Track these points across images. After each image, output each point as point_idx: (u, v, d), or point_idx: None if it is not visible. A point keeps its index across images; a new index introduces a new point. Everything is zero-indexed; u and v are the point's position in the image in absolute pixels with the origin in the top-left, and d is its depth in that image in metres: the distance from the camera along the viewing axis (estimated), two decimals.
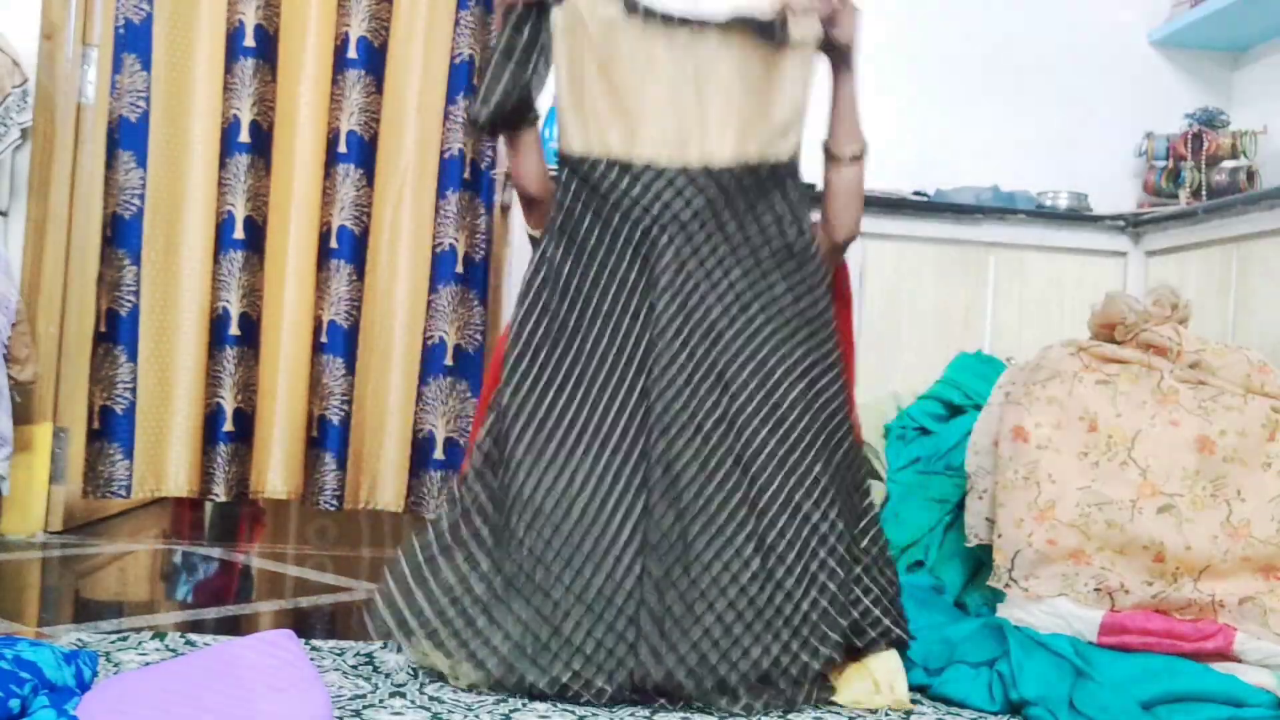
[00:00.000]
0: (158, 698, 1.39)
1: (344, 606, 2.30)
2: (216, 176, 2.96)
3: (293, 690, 1.45)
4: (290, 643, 1.58)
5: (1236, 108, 3.37)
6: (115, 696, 1.40)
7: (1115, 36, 3.39)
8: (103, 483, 2.88)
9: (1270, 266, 2.57)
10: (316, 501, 2.99)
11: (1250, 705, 1.69)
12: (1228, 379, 2.07)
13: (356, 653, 1.84)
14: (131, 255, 2.89)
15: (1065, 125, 3.35)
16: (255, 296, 3.00)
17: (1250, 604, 1.85)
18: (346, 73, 2.99)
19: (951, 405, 2.69)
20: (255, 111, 2.96)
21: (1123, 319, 2.16)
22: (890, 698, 1.70)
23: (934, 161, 3.27)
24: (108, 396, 2.89)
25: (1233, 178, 2.99)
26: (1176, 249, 2.90)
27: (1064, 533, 1.94)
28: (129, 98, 2.88)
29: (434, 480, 2.98)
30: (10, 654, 1.43)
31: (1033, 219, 3.00)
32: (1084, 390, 2.07)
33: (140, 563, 2.71)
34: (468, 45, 2.99)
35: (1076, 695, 1.66)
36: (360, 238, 3.01)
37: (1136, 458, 1.98)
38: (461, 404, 2.99)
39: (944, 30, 3.32)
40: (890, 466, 2.64)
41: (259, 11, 2.95)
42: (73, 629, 1.92)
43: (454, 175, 2.99)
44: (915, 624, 1.97)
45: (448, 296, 2.98)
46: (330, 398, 2.99)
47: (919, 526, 2.39)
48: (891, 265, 2.95)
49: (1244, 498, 1.93)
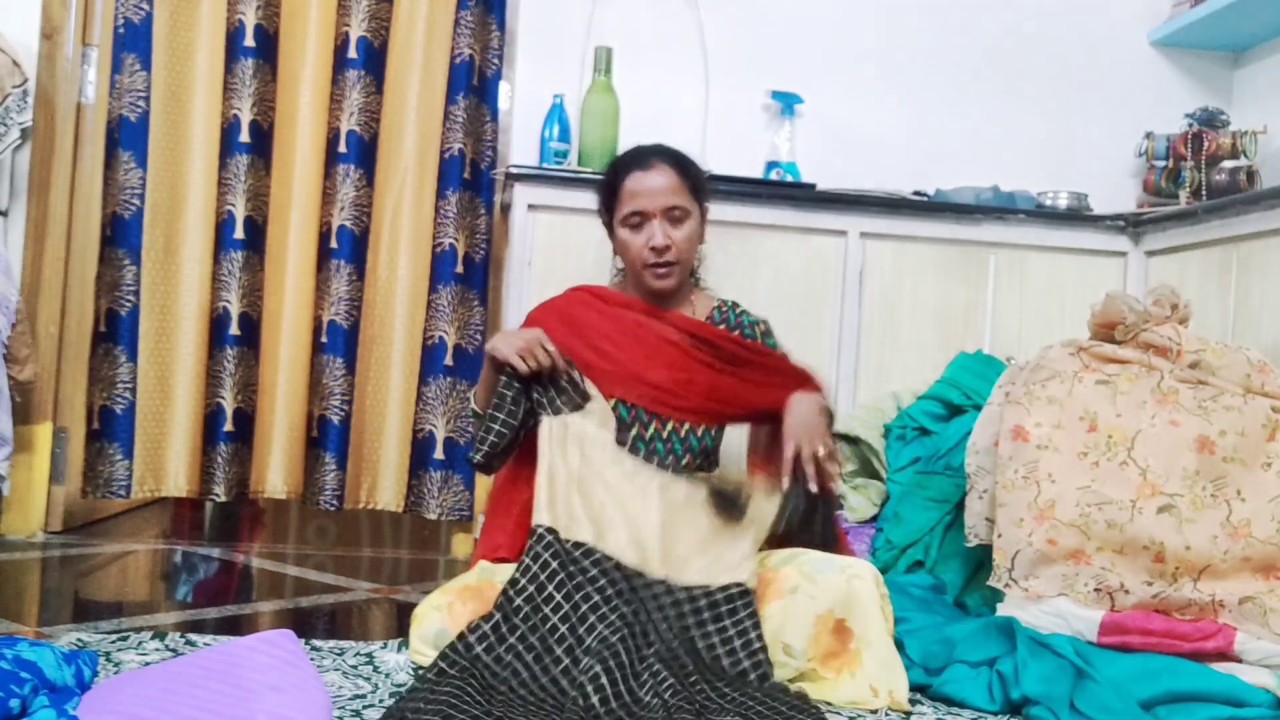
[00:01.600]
0: (158, 698, 1.39)
1: (344, 606, 2.30)
2: (216, 176, 2.96)
3: (293, 690, 1.45)
4: (290, 643, 1.58)
5: (1236, 108, 3.37)
6: (115, 696, 1.40)
7: (1115, 36, 3.39)
8: (102, 483, 2.88)
9: (1270, 266, 2.57)
10: (316, 501, 2.99)
11: (1250, 705, 1.69)
12: (1228, 379, 2.07)
13: (356, 653, 1.84)
14: (131, 255, 2.89)
15: (1065, 125, 3.36)
16: (255, 296, 3.00)
17: (1250, 604, 1.85)
18: (346, 73, 2.99)
19: (951, 405, 2.69)
20: (255, 111, 2.96)
21: (1123, 319, 2.16)
22: (888, 699, 1.70)
23: (934, 161, 3.27)
24: (107, 396, 2.89)
25: (1233, 178, 2.99)
26: (1176, 249, 2.90)
27: (1064, 532, 1.95)
28: (129, 98, 2.88)
29: (434, 480, 2.98)
30: (10, 654, 1.43)
31: (1033, 219, 3.00)
32: (1084, 390, 2.08)
33: (140, 563, 2.71)
34: (468, 45, 2.99)
35: (1077, 695, 1.66)
36: (360, 238, 3.01)
37: (1136, 458, 1.98)
38: (461, 404, 2.99)
39: (944, 30, 3.32)
40: (890, 466, 2.64)
41: (259, 11, 2.95)
42: (73, 629, 1.92)
43: (454, 175, 2.99)
44: (915, 624, 1.97)
45: (448, 296, 2.98)
46: (330, 398, 2.99)
47: (919, 526, 2.39)
48: (891, 265, 2.95)
49: (1244, 498, 1.93)
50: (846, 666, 1.73)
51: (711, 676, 1.66)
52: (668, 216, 2.04)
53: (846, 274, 2.93)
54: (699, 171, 2.11)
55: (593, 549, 1.75)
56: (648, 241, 2.03)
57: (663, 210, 2.03)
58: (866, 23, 3.30)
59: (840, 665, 1.74)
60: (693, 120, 3.19)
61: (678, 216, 2.04)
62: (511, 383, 1.92)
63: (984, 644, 1.84)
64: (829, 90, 3.25)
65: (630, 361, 2.02)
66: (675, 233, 2.04)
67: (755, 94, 3.22)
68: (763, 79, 3.22)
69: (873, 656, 1.73)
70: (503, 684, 1.61)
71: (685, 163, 2.09)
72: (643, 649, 1.64)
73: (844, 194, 2.94)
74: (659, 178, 2.04)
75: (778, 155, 3.16)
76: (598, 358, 2.02)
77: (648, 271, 2.05)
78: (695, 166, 2.11)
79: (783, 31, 3.26)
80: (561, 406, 1.91)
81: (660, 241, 2.02)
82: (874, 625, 1.74)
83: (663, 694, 1.56)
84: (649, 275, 2.05)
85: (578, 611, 1.68)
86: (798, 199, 2.91)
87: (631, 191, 2.05)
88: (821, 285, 2.93)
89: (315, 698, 1.44)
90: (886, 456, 2.68)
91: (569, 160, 2.98)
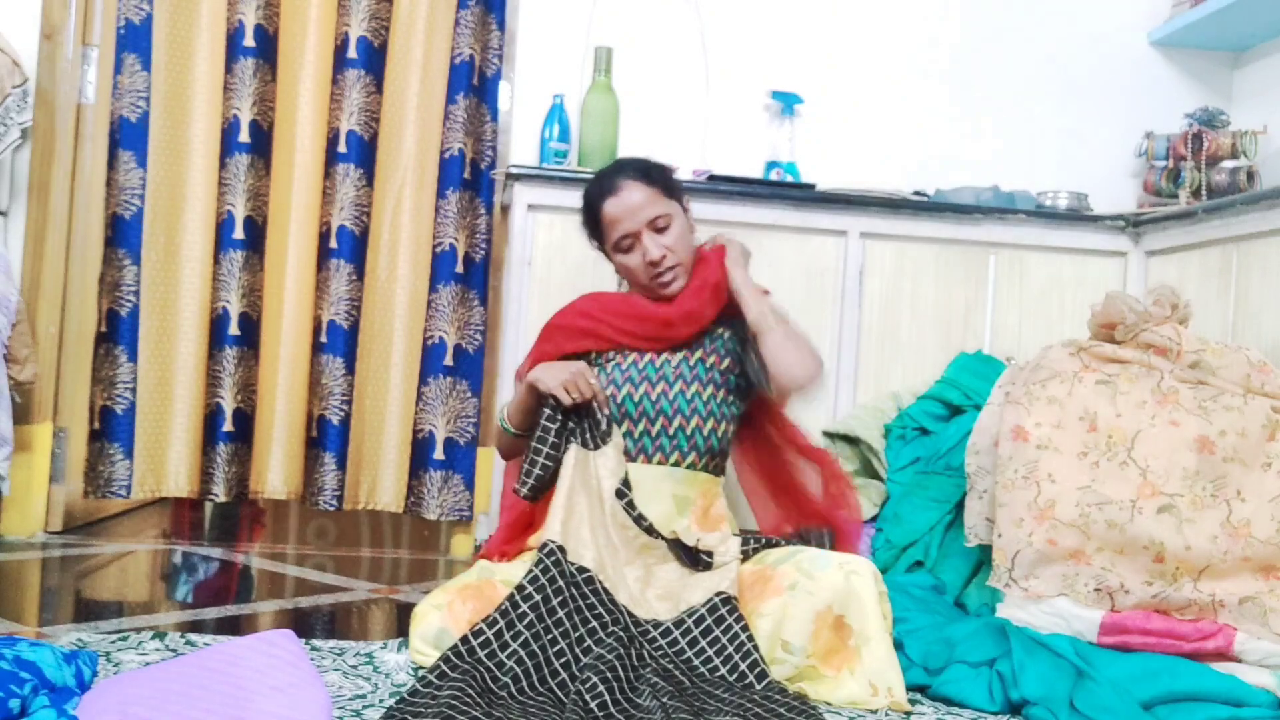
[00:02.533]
0: (157, 698, 1.39)
1: (344, 606, 2.30)
2: (216, 176, 2.96)
3: (293, 690, 1.45)
4: (290, 643, 1.58)
5: (1236, 108, 3.37)
6: (115, 696, 1.40)
7: (1115, 36, 3.39)
8: (103, 483, 2.88)
9: (1270, 266, 2.57)
10: (316, 501, 2.99)
11: (1250, 705, 1.69)
12: (1228, 379, 2.07)
13: (356, 653, 1.84)
14: (132, 255, 2.89)
15: (1065, 125, 3.35)
16: (255, 296, 3.00)
17: (1250, 604, 1.85)
18: (346, 72, 2.99)
19: (951, 405, 2.69)
20: (255, 111, 2.96)
21: (1123, 319, 2.16)
22: (888, 699, 1.70)
23: (934, 161, 3.27)
24: (108, 396, 2.89)
25: (1233, 178, 2.99)
26: (1176, 249, 2.90)
27: (1064, 532, 1.95)
28: (129, 98, 2.88)
29: (434, 480, 2.98)
30: (10, 654, 1.43)
31: (1033, 219, 3.00)
32: (1084, 390, 2.08)
33: (140, 563, 2.71)
34: (468, 45, 2.99)
35: (1077, 695, 1.66)
36: (360, 237, 3.01)
37: (1136, 458, 1.98)
38: (461, 404, 2.99)
39: (944, 30, 3.32)
40: (890, 466, 2.64)
41: (259, 11, 2.95)
42: (73, 629, 1.92)
43: (454, 175, 2.99)
44: (915, 624, 1.97)
45: (448, 296, 2.98)
46: (330, 398, 2.99)
47: (919, 526, 2.40)
48: (891, 265, 2.95)
49: (1244, 498, 1.93)
50: (846, 664, 1.73)
51: (709, 685, 1.67)
52: (652, 228, 2.11)
53: (846, 274, 2.93)
54: (665, 172, 2.19)
55: (594, 576, 1.82)
56: (644, 258, 2.11)
57: (647, 224, 2.10)
58: (866, 23, 3.30)
59: (840, 662, 1.74)
60: (693, 120, 3.19)
61: (661, 225, 2.11)
62: (555, 415, 2.02)
63: (984, 644, 1.84)
64: (829, 90, 3.25)
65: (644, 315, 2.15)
66: (665, 239, 2.12)
67: (755, 94, 3.22)
68: (763, 79, 3.22)
69: (871, 653, 1.73)
70: (502, 689, 1.61)
71: (649, 170, 2.16)
72: (640, 669, 1.67)
73: (844, 194, 2.94)
74: (631, 195, 2.11)
75: (778, 155, 3.16)
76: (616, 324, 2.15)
77: (655, 284, 2.14)
78: (659, 169, 2.18)
79: (783, 31, 3.26)
80: (588, 441, 2.01)
81: (655, 255, 2.10)
82: (872, 622, 1.74)
83: (660, 697, 1.57)
84: (657, 287, 2.14)
85: (576, 631, 1.73)
86: (798, 199, 2.91)
87: (612, 218, 2.12)
88: (821, 285, 2.93)
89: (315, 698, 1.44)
90: (886, 456, 2.68)
91: (569, 160, 2.98)
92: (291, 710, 1.39)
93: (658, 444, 2.06)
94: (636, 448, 2.06)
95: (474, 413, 2.99)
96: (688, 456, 2.07)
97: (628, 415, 2.07)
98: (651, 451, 2.06)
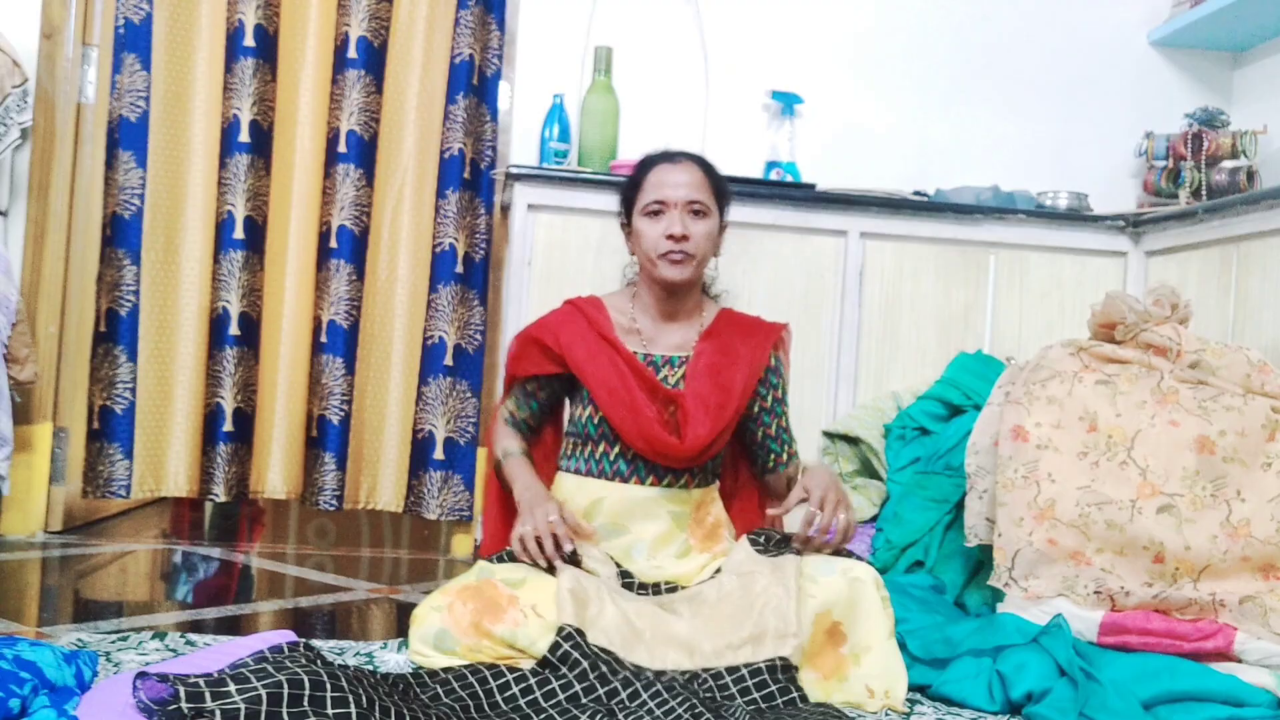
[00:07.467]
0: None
1: (344, 606, 2.30)
2: (216, 176, 2.96)
3: None
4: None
5: (1236, 108, 3.37)
6: (115, 696, 1.40)
7: (1115, 36, 3.39)
8: (102, 483, 2.88)
9: (1270, 266, 2.57)
10: (316, 501, 2.99)
11: (1250, 705, 1.69)
12: (1228, 379, 2.07)
13: (356, 653, 1.84)
14: (131, 255, 2.89)
15: (1065, 125, 3.35)
16: (255, 296, 3.00)
17: (1250, 604, 1.85)
18: (346, 72, 2.99)
19: (951, 405, 2.69)
20: (255, 111, 2.96)
21: (1123, 319, 2.16)
22: (886, 701, 1.70)
23: (934, 161, 3.27)
24: (107, 396, 2.89)
25: (1233, 178, 2.99)
26: (1176, 249, 2.90)
27: (1064, 532, 1.95)
28: (129, 98, 2.88)
29: (434, 480, 2.98)
30: (10, 654, 1.43)
31: (1033, 219, 3.00)
32: (1084, 390, 2.08)
33: (140, 563, 2.71)
34: (468, 45, 2.99)
35: (1077, 695, 1.66)
36: (360, 237, 3.01)
37: (1136, 458, 1.98)
38: (461, 404, 2.99)
39: (944, 30, 3.32)
40: (890, 466, 2.64)
41: (259, 11, 2.95)
42: (73, 629, 1.92)
43: (454, 175, 2.99)
44: (915, 624, 1.97)
45: (448, 296, 2.98)
46: (330, 398, 2.99)
47: (919, 526, 2.40)
48: (891, 265, 2.95)
49: (1244, 498, 1.93)
50: (836, 672, 1.73)
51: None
52: (689, 210, 2.03)
53: (846, 274, 2.93)
54: (724, 181, 2.14)
55: (620, 657, 1.70)
56: (666, 229, 2.02)
57: (684, 203, 2.03)
58: (866, 23, 3.30)
59: (828, 669, 1.73)
60: (693, 120, 3.19)
61: (698, 211, 2.04)
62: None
63: (986, 640, 1.84)
64: (829, 90, 3.25)
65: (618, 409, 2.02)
66: (694, 226, 2.03)
67: (755, 94, 3.22)
68: (763, 79, 3.22)
69: (872, 660, 1.73)
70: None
71: (712, 168, 2.12)
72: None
73: (844, 194, 2.94)
74: (685, 173, 2.06)
75: (778, 155, 3.16)
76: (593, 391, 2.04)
77: (663, 260, 2.03)
78: (721, 176, 2.13)
79: (783, 31, 3.26)
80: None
81: (679, 230, 2.01)
82: (875, 628, 1.74)
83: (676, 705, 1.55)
84: (664, 263, 2.03)
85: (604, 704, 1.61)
86: (798, 199, 2.91)
87: (656, 182, 2.06)
88: (821, 285, 2.93)
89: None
90: (886, 456, 2.68)
91: (569, 160, 2.98)
92: None
93: (651, 466, 2.00)
94: (630, 469, 2.00)
95: (474, 413, 2.99)
96: (680, 477, 2.01)
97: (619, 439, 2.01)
98: (645, 474, 2.00)
